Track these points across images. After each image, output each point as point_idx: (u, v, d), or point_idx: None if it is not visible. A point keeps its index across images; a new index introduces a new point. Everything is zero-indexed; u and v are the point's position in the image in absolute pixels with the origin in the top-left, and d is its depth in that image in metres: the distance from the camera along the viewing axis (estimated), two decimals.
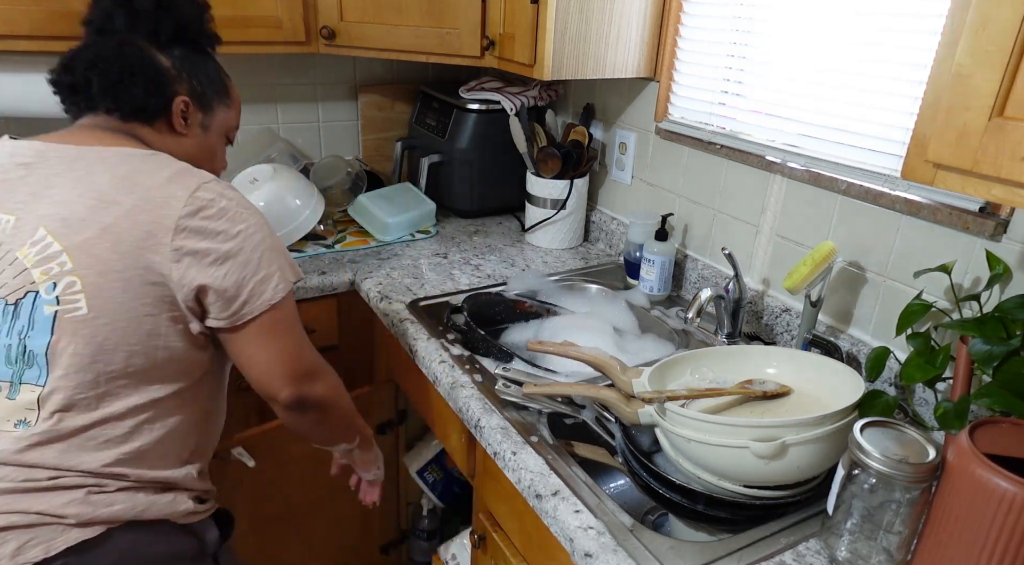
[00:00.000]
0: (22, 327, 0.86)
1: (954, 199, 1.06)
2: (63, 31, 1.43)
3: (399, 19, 1.62)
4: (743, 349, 1.14)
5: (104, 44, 0.99)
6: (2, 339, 0.87)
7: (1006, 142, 0.65)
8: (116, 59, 0.98)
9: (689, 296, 1.58)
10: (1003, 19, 0.63)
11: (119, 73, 0.97)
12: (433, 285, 1.57)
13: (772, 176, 1.35)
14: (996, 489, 0.69)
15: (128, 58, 0.98)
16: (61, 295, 0.86)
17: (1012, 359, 0.84)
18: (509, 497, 1.12)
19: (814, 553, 0.89)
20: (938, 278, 1.06)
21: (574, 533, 0.90)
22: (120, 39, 1.00)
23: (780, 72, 1.29)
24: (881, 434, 0.83)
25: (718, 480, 0.95)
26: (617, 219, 1.80)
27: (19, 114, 1.62)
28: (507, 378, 1.16)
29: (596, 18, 1.43)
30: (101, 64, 0.97)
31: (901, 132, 1.11)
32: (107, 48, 0.98)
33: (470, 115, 1.85)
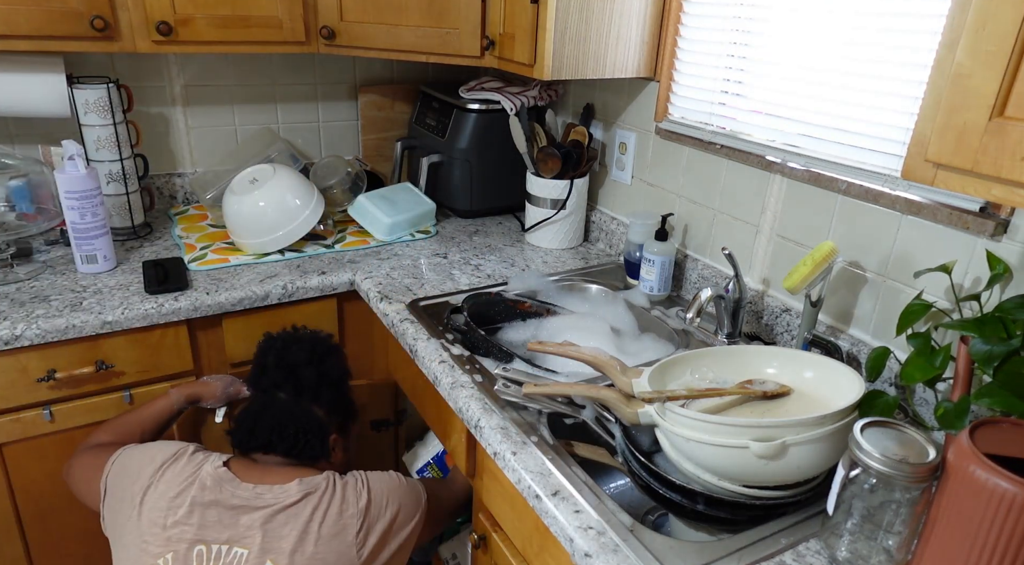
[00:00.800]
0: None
1: (954, 199, 1.06)
2: (63, 31, 1.44)
3: (399, 19, 1.62)
4: (743, 349, 1.14)
5: (278, 408, 1.26)
6: None
7: (1006, 142, 0.65)
8: (291, 422, 1.25)
9: (689, 296, 1.58)
10: (1003, 19, 0.64)
11: (294, 434, 1.24)
12: (433, 285, 1.57)
13: (772, 176, 1.35)
14: (996, 489, 0.69)
15: (299, 420, 1.25)
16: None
17: (1012, 359, 0.84)
18: (509, 497, 1.12)
19: (814, 553, 0.89)
20: (938, 278, 1.06)
21: (574, 533, 0.90)
22: (290, 403, 1.27)
23: (780, 72, 1.29)
24: (881, 434, 0.83)
25: (718, 480, 0.95)
26: (617, 219, 1.80)
27: (19, 114, 1.62)
28: (507, 378, 1.16)
29: (596, 18, 1.43)
30: (279, 428, 1.24)
31: (901, 132, 1.11)
32: (281, 412, 1.25)
33: (470, 115, 1.85)
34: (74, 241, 1.53)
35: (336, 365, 1.35)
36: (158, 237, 1.78)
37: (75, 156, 1.48)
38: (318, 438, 1.27)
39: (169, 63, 1.86)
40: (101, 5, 1.45)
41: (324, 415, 1.30)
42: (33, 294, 1.45)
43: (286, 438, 1.24)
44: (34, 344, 1.34)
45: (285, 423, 1.24)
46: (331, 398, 1.33)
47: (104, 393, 1.46)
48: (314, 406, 1.29)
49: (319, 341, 1.35)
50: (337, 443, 1.32)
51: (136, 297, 1.46)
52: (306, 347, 1.32)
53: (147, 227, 1.82)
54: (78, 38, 1.46)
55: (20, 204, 1.62)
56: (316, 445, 1.26)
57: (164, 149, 1.94)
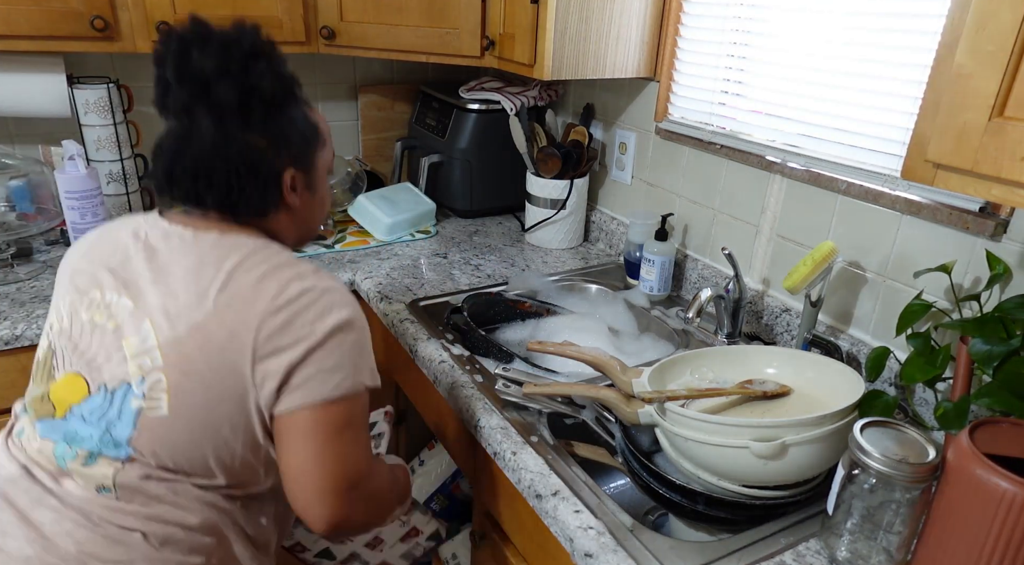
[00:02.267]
0: (113, 416, 0.86)
1: (954, 199, 1.06)
2: (63, 31, 1.44)
3: (399, 19, 1.62)
4: (743, 349, 1.14)
5: (197, 142, 0.89)
6: (98, 422, 0.86)
7: (1006, 142, 0.65)
8: (220, 165, 0.90)
9: (689, 296, 1.58)
10: (1003, 19, 0.64)
11: (227, 181, 0.90)
12: (433, 285, 1.57)
13: (772, 176, 1.35)
14: (996, 489, 0.69)
15: (231, 160, 0.90)
16: (148, 392, 0.85)
17: (1012, 359, 0.84)
18: (509, 497, 1.12)
19: (814, 553, 0.89)
20: (938, 278, 1.06)
21: (574, 533, 0.90)
22: (213, 139, 0.89)
23: (780, 72, 1.29)
24: (881, 434, 0.83)
25: (718, 480, 0.95)
26: (617, 219, 1.80)
27: (19, 114, 1.62)
28: (507, 378, 1.16)
29: (596, 18, 1.43)
30: (204, 173, 0.90)
31: (901, 132, 1.11)
32: (203, 152, 0.89)
33: (470, 115, 1.85)
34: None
35: (269, 73, 0.91)
36: None
37: (75, 156, 1.48)
38: (260, 180, 0.92)
39: None
40: (101, 5, 1.45)
41: (266, 146, 0.92)
42: (33, 294, 1.45)
43: (215, 185, 0.90)
44: (34, 344, 1.34)
45: (210, 163, 0.89)
46: (272, 122, 0.93)
47: None
48: (247, 135, 0.91)
49: (234, 40, 0.91)
50: (296, 180, 0.97)
51: None
52: (214, 51, 0.89)
53: None
54: (78, 38, 1.46)
55: (20, 204, 1.62)
56: (258, 191, 0.93)
57: None
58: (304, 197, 0.99)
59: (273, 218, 0.97)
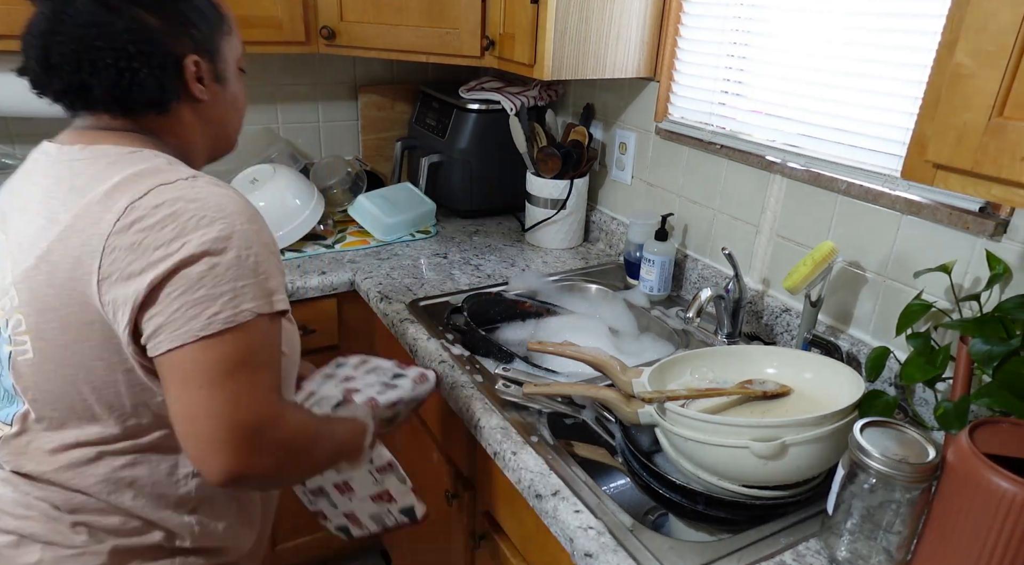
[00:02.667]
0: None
1: (954, 199, 1.06)
2: None
3: (399, 19, 1.62)
4: (743, 349, 1.14)
5: (73, 23, 0.75)
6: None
7: (1006, 142, 0.65)
8: (105, 46, 0.75)
9: (689, 296, 1.58)
10: (1003, 19, 0.64)
11: (115, 66, 0.76)
12: (433, 285, 1.57)
13: (772, 176, 1.35)
14: (996, 489, 0.69)
15: (118, 40, 0.75)
16: (12, 335, 0.76)
17: (1012, 359, 0.84)
18: (509, 497, 1.12)
19: (814, 553, 0.89)
20: (938, 278, 1.06)
21: (574, 533, 0.90)
22: (92, 13, 0.75)
23: (780, 72, 1.29)
24: (881, 434, 0.83)
25: (718, 480, 0.95)
26: (617, 219, 1.80)
27: (19, 114, 1.62)
28: (507, 378, 1.16)
29: (596, 18, 1.43)
30: (88, 57, 0.75)
31: (901, 132, 1.11)
32: (82, 30, 0.75)
33: (470, 115, 1.85)
34: None
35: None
36: None
37: None
38: (156, 64, 0.78)
39: None
40: None
41: (160, 25, 0.78)
42: None
43: (101, 70, 0.75)
44: None
45: (92, 43, 0.75)
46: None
47: None
48: (135, 10, 0.77)
49: None
50: (202, 68, 0.83)
51: None
52: None
53: None
54: None
55: None
56: (154, 76, 0.78)
57: None
58: (212, 89, 0.85)
59: (176, 114, 0.83)
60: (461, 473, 1.31)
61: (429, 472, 1.47)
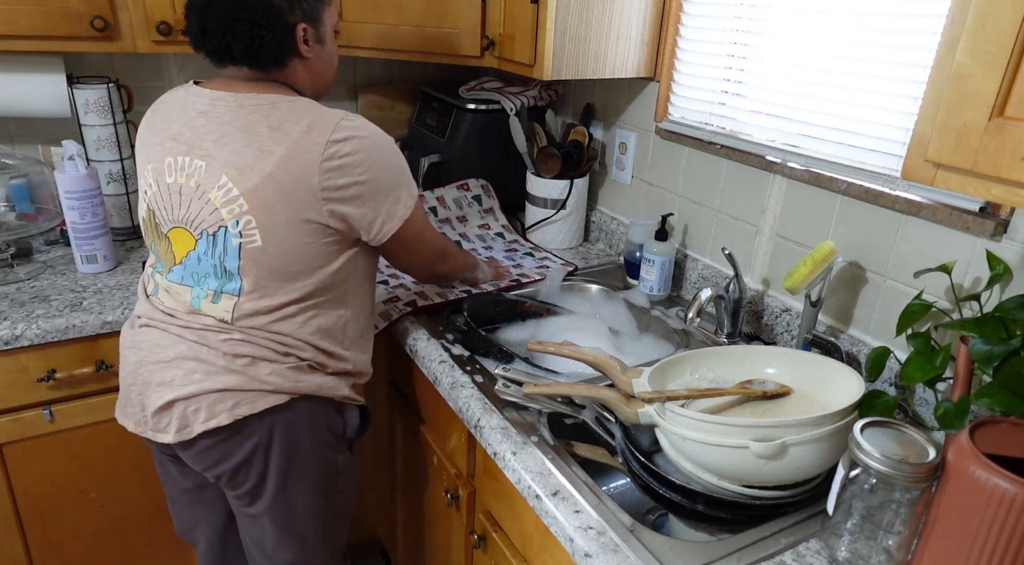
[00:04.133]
0: (220, 253, 1.08)
1: (954, 199, 1.06)
2: (63, 31, 1.44)
3: (399, 19, 1.62)
4: (743, 349, 1.14)
5: (222, 2, 1.07)
6: (210, 260, 1.09)
7: (1006, 142, 0.65)
8: (244, 16, 1.06)
9: (689, 296, 1.58)
10: (1003, 19, 0.64)
11: (250, 32, 1.07)
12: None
13: (772, 176, 1.35)
14: (996, 489, 0.69)
15: (252, 11, 1.06)
16: (243, 230, 1.06)
17: (1012, 359, 0.84)
18: (509, 497, 1.12)
19: (814, 553, 0.89)
20: (938, 278, 1.06)
21: (574, 533, 0.90)
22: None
23: (780, 72, 1.29)
24: (881, 434, 0.83)
25: (718, 480, 0.95)
26: (617, 219, 1.80)
27: (19, 114, 1.62)
28: (507, 378, 1.16)
29: (596, 18, 1.43)
30: (232, 25, 1.06)
31: (901, 132, 1.11)
32: (229, 6, 1.06)
33: (470, 115, 1.85)
34: (74, 241, 1.53)
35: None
36: None
37: (75, 156, 1.48)
38: (277, 31, 1.08)
39: (169, 63, 1.86)
40: (101, 5, 1.45)
41: (280, 2, 1.08)
42: (33, 294, 1.45)
43: (240, 35, 1.07)
44: (34, 344, 1.34)
45: (235, 15, 1.06)
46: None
47: (104, 393, 1.46)
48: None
49: None
50: (308, 33, 1.12)
51: (136, 297, 1.46)
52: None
53: None
54: (78, 38, 1.46)
55: (20, 204, 1.62)
56: (276, 40, 1.09)
57: None
58: (315, 50, 1.15)
59: (291, 69, 1.14)
60: (461, 473, 1.31)
61: (429, 472, 1.47)
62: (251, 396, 1.09)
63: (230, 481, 1.15)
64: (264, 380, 1.10)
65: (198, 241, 1.09)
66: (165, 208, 1.11)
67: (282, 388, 1.11)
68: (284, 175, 1.04)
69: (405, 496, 1.67)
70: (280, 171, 1.04)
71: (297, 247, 1.08)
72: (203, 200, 1.07)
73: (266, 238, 1.06)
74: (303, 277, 1.10)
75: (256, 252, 1.07)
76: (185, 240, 1.10)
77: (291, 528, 1.20)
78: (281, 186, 1.04)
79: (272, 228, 1.06)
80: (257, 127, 1.06)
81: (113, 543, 1.60)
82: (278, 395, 1.11)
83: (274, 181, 1.04)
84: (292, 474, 1.16)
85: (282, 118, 1.06)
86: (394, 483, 1.73)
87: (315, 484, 1.19)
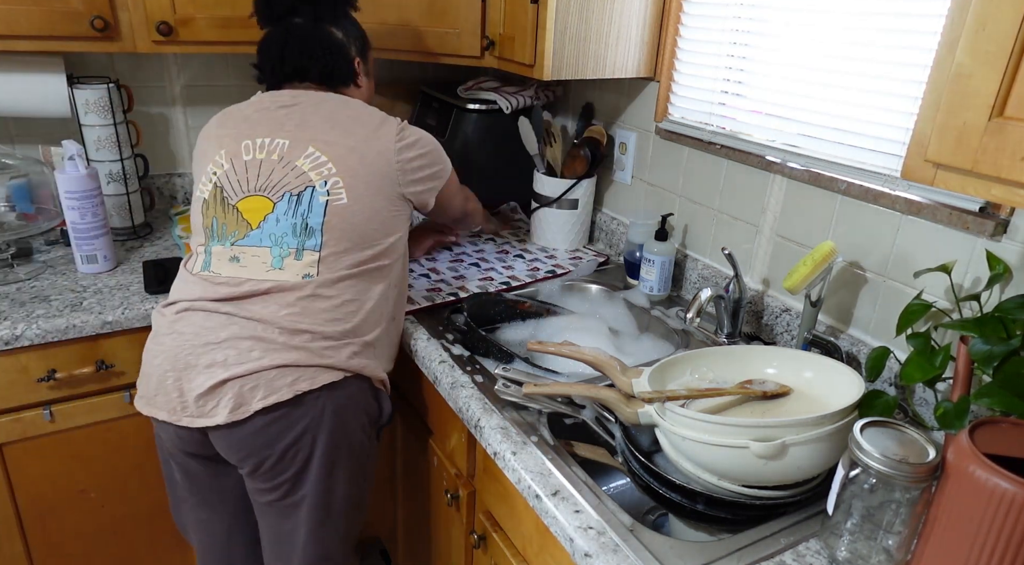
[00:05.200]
0: (304, 210, 1.18)
1: (954, 199, 1.06)
2: (63, 31, 1.44)
3: (399, 19, 1.62)
4: (743, 349, 1.14)
5: (300, 33, 1.28)
6: (290, 219, 1.17)
7: (1006, 142, 0.65)
8: (318, 44, 1.28)
9: (689, 296, 1.58)
10: (1003, 19, 0.64)
11: (324, 56, 1.28)
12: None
13: (772, 176, 1.35)
14: (996, 489, 0.69)
15: (325, 42, 1.29)
16: (330, 189, 1.18)
17: (1012, 359, 0.84)
18: (509, 497, 1.12)
19: (814, 553, 0.89)
20: (938, 278, 1.06)
21: (574, 533, 0.90)
22: (314, 26, 1.29)
23: (780, 72, 1.29)
24: (881, 434, 0.83)
25: (718, 480, 0.95)
26: (617, 219, 1.80)
27: (19, 114, 1.62)
28: (507, 378, 1.16)
29: (596, 18, 1.43)
30: (309, 52, 1.28)
31: (901, 132, 1.11)
32: (306, 36, 1.28)
33: (470, 115, 1.85)
34: (74, 241, 1.53)
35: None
36: (158, 237, 1.78)
37: (75, 156, 1.48)
38: (345, 59, 1.32)
39: (169, 63, 1.86)
40: (101, 5, 1.45)
41: (343, 36, 1.32)
42: (33, 294, 1.45)
43: (317, 60, 1.28)
44: (34, 344, 1.34)
45: (312, 46, 1.28)
46: (345, 21, 1.35)
47: (104, 393, 1.46)
48: (332, 28, 1.31)
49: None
50: (360, 66, 1.36)
51: (136, 297, 1.46)
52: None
53: (147, 227, 1.82)
54: (78, 38, 1.46)
55: (20, 204, 1.62)
56: (345, 66, 1.32)
57: (164, 149, 1.94)
58: (364, 83, 1.39)
59: (350, 91, 1.35)
60: (461, 473, 1.31)
61: (429, 472, 1.47)
62: (310, 372, 1.12)
63: (274, 466, 1.14)
64: (323, 355, 1.13)
65: (277, 204, 1.18)
66: (239, 181, 1.20)
67: (338, 365, 1.15)
68: (366, 149, 1.21)
69: (405, 496, 1.67)
70: (363, 145, 1.21)
71: (375, 208, 1.21)
72: (287, 168, 1.19)
73: (351, 196, 1.19)
74: (373, 241, 1.21)
75: (341, 209, 1.18)
76: (260, 206, 1.19)
77: (327, 517, 1.20)
78: (364, 157, 1.20)
79: (357, 189, 1.19)
80: (338, 115, 1.23)
81: (113, 543, 1.60)
82: (334, 372, 1.14)
83: (358, 153, 1.20)
84: (338, 457, 1.17)
85: (358, 111, 1.26)
86: (394, 483, 1.73)
87: (353, 471, 1.21)
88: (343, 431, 1.17)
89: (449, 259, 1.71)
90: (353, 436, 1.19)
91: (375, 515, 1.87)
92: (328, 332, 1.15)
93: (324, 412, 1.14)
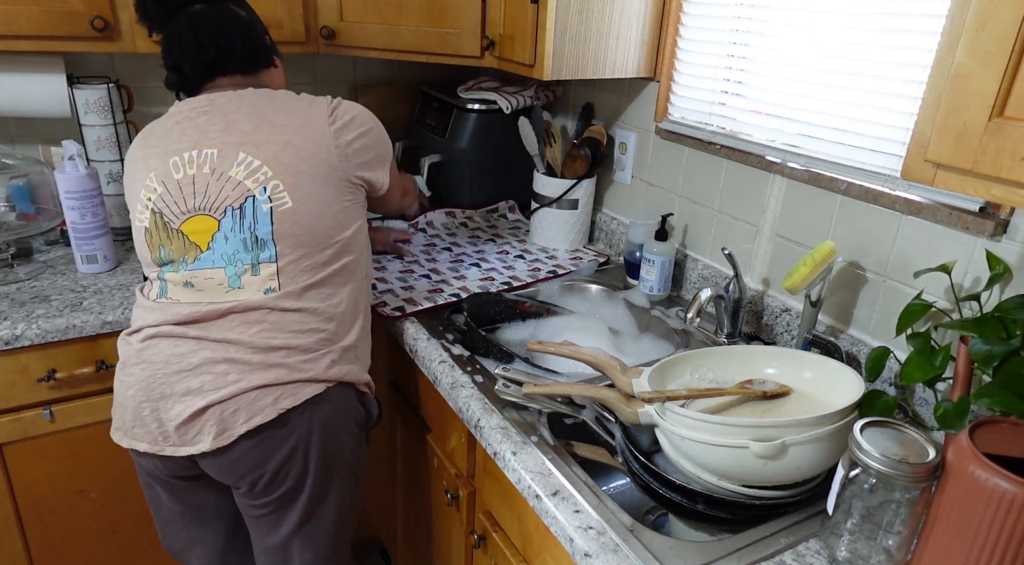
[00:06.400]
0: (250, 223, 1.10)
1: (954, 199, 1.06)
2: (63, 31, 1.44)
3: (399, 19, 1.62)
4: (743, 349, 1.14)
5: (209, 15, 1.17)
6: (239, 235, 1.11)
7: (1006, 142, 0.65)
8: (232, 26, 1.18)
9: (689, 296, 1.58)
10: (1003, 19, 0.64)
11: (243, 37, 1.18)
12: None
13: (772, 176, 1.35)
14: (996, 489, 0.69)
15: (236, 21, 1.19)
16: (271, 195, 1.11)
17: (1012, 359, 0.84)
18: (509, 497, 1.12)
19: (814, 553, 0.89)
20: (938, 278, 1.06)
21: (574, 533, 0.90)
22: (216, 13, 1.18)
23: (780, 72, 1.29)
24: (881, 434, 0.83)
25: (718, 480, 0.95)
26: (617, 219, 1.80)
27: (19, 114, 1.62)
28: (507, 378, 1.16)
29: (596, 18, 1.43)
30: (227, 34, 1.17)
31: (901, 132, 1.11)
32: (216, 17, 1.18)
33: (470, 115, 1.85)
34: (74, 241, 1.53)
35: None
36: None
37: (75, 156, 1.48)
38: (259, 36, 1.22)
39: None
40: (101, 5, 1.45)
41: (247, 15, 1.23)
42: (33, 294, 1.45)
43: (236, 40, 1.18)
44: (34, 344, 1.34)
45: (226, 27, 1.17)
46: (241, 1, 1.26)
47: (104, 393, 1.46)
48: (234, 8, 1.21)
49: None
50: (272, 41, 1.28)
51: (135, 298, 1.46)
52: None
53: None
54: (78, 38, 1.46)
55: (20, 204, 1.62)
56: (262, 44, 1.22)
57: None
58: (278, 60, 1.30)
59: (269, 74, 1.26)
60: (461, 473, 1.31)
61: (429, 472, 1.47)
62: (292, 388, 1.09)
63: (267, 485, 1.11)
64: (301, 369, 1.10)
65: (221, 221, 1.11)
66: (176, 202, 1.12)
67: (318, 376, 1.11)
68: (300, 140, 1.13)
69: (405, 496, 1.67)
70: (296, 137, 1.13)
71: (325, 204, 1.14)
72: (222, 180, 1.11)
73: (296, 197, 1.11)
74: (330, 239, 1.14)
75: (288, 214, 1.11)
76: (206, 226, 1.11)
77: (321, 527, 1.18)
78: (300, 151, 1.12)
79: (300, 187, 1.12)
80: (262, 109, 1.14)
81: (113, 543, 1.60)
82: (315, 384, 1.11)
83: (292, 147, 1.12)
84: (331, 469, 1.15)
85: (283, 100, 1.17)
86: (394, 483, 1.73)
87: (346, 478, 1.19)
88: (334, 442, 1.14)
89: (449, 260, 1.71)
90: (344, 446, 1.16)
91: (375, 515, 1.87)
92: (304, 344, 1.11)
93: (312, 426, 1.11)
